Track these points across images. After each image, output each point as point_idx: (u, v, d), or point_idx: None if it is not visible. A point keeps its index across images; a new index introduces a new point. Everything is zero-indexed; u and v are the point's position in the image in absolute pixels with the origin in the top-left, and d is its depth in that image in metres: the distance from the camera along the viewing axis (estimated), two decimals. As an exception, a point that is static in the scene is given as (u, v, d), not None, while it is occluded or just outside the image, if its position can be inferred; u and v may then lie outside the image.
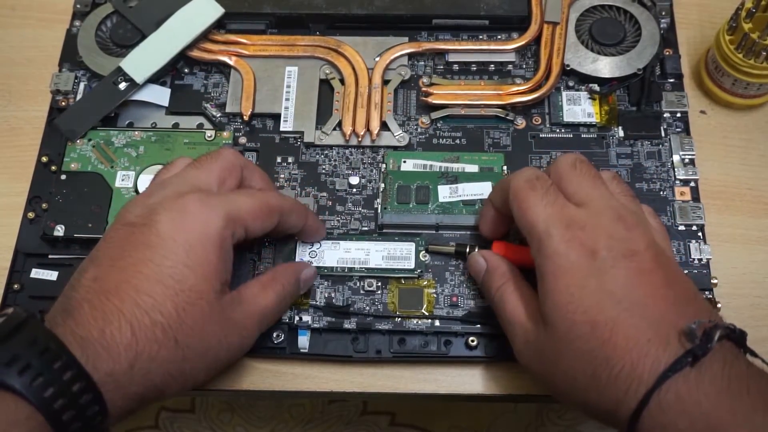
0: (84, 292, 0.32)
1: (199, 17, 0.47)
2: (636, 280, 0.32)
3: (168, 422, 0.91)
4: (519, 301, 0.36)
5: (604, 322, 0.31)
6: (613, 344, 0.30)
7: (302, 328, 0.40)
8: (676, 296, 0.32)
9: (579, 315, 0.31)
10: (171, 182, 0.36)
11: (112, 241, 0.34)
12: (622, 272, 0.32)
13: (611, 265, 0.32)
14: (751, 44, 0.43)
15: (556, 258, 0.33)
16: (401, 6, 0.48)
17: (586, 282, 0.32)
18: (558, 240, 0.33)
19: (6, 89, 0.50)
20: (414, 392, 0.40)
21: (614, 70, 0.46)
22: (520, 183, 0.36)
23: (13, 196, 0.45)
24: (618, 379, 0.30)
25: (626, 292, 0.31)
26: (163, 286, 0.32)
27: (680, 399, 0.29)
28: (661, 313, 0.31)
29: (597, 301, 0.31)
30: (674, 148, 0.44)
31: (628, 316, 0.31)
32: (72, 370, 0.29)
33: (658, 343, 0.30)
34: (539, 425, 0.90)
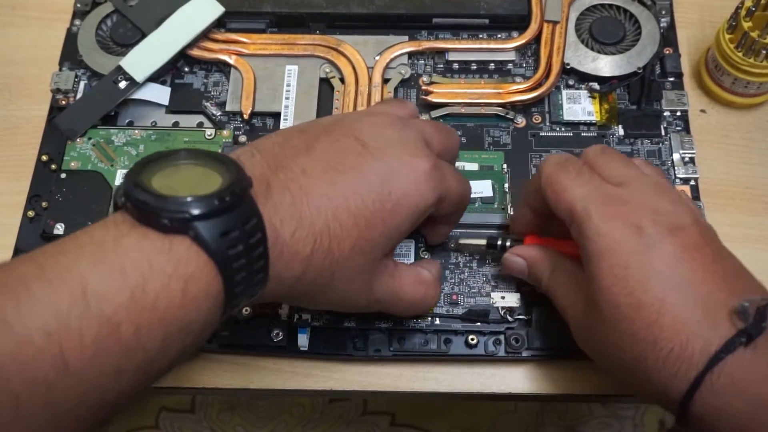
0: (289, 178, 0.30)
1: (199, 16, 0.47)
2: (684, 255, 0.30)
3: (168, 422, 0.91)
4: (567, 286, 0.35)
5: (651, 303, 0.29)
6: (660, 326, 0.29)
7: (302, 326, 0.40)
8: (725, 272, 0.30)
9: (624, 297, 0.30)
10: (410, 137, 0.33)
11: (336, 145, 0.32)
12: (669, 248, 0.30)
13: (658, 241, 0.30)
14: (751, 43, 0.43)
15: (598, 238, 0.31)
16: (401, 5, 0.48)
17: (630, 261, 0.30)
18: (599, 219, 0.31)
19: (6, 88, 0.50)
20: (414, 391, 0.40)
21: (614, 69, 0.46)
22: (550, 167, 0.35)
23: (13, 195, 0.45)
24: (666, 361, 0.29)
25: (674, 269, 0.30)
26: (354, 223, 0.30)
27: (734, 381, 0.28)
28: (710, 291, 0.29)
29: (642, 281, 0.30)
30: (674, 147, 0.44)
31: (675, 296, 0.29)
32: (261, 261, 0.27)
33: (708, 323, 0.28)
34: (539, 425, 0.90)
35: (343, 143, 0.32)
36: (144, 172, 0.27)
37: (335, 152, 0.31)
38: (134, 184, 0.25)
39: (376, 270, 0.33)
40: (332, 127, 0.33)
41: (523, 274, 0.38)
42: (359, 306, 0.34)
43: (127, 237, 0.25)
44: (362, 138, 0.32)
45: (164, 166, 0.28)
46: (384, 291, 0.34)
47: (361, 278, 0.32)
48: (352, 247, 0.30)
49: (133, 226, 0.25)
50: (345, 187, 0.30)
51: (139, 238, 0.25)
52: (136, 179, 0.26)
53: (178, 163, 0.28)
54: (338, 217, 0.30)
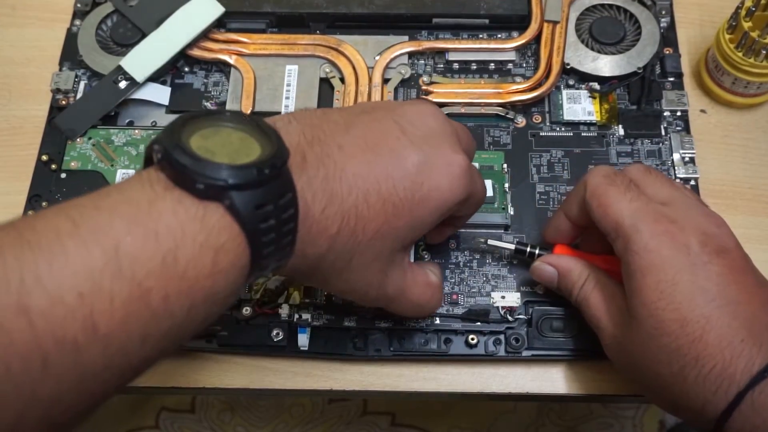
0: (325, 153, 0.29)
1: (199, 16, 0.47)
2: (730, 277, 0.31)
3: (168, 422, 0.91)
4: (601, 298, 0.35)
5: (696, 320, 0.30)
6: (704, 343, 0.30)
7: (302, 326, 0.40)
8: (767, 297, 0.31)
9: (669, 312, 0.30)
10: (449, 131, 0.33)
11: (376, 126, 0.31)
12: (716, 269, 0.31)
13: (706, 261, 0.31)
14: (751, 43, 0.43)
15: (646, 254, 0.31)
16: (401, 5, 0.48)
17: (678, 278, 0.31)
18: (648, 235, 0.32)
19: (6, 88, 0.50)
20: (414, 391, 0.40)
21: (614, 69, 0.46)
22: (598, 179, 0.35)
23: (14, 195, 0.45)
24: (708, 378, 0.29)
25: (720, 289, 0.30)
26: (383, 208, 0.30)
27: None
28: (754, 313, 0.30)
29: (689, 298, 0.30)
30: (674, 147, 0.44)
31: (721, 315, 0.30)
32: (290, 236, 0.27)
33: (752, 343, 0.29)
34: (539, 425, 0.90)
35: (384, 125, 0.31)
36: (185, 131, 0.26)
37: (374, 133, 0.31)
38: (175, 144, 0.25)
39: (393, 261, 0.32)
40: (374, 108, 0.32)
41: (552, 283, 0.38)
42: (368, 298, 0.33)
43: (162, 200, 0.24)
44: (403, 123, 0.31)
45: (206, 125, 0.27)
46: (395, 286, 0.33)
47: (377, 266, 0.31)
48: (375, 232, 0.30)
49: (166, 188, 0.24)
50: (379, 170, 0.30)
51: (174, 202, 0.24)
52: (178, 139, 0.25)
53: (219, 125, 0.27)
54: (368, 199, 0.29)
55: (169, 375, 0.41)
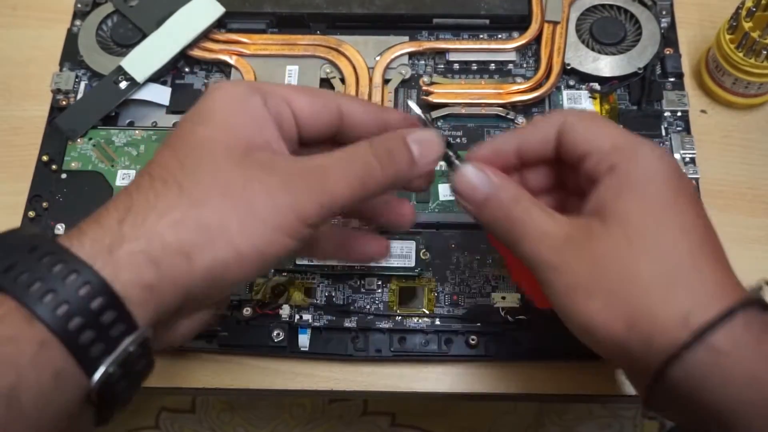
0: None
1: (199, 16, 0.47)
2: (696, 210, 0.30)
3: (168, 422, 0.91)
4: (543, 208, 0.30)
5: (697, 235, 0.28)
6: (704, 256, 0.28)
7: (303, 326, 0.40)
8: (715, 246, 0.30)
9: (673, 218, 0.28)
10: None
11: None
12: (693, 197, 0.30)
13: (692, 192, 0.30)
14: (752, 43, 0.43)
15: (649, 165, 0.29)
16: (402, 5, 0.48)
17: (679, 194, 0.29)
18: (658, 151, 0.29)
19: (6, 88, 0.50)
20: (414, 391, 0.40)
21: (615, 69, 0.46)
22: (580, 110, 0.33)
23: (14, 195, 0.45)
24: (700, 288, 0.27)
25: (705, 220, 0.29)
26: (169, 147, 0.28)
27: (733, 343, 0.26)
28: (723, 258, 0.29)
29: (693, 216, 0.29)
30: (675, 147, 0.44)
31: (716, 244, 0.29)
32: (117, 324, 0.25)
33: (731, 284, 0.28)
34: (539, 425, 0.90)
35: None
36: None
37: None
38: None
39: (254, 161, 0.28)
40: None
41: (478, 196, 0.31)
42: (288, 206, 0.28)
43: None
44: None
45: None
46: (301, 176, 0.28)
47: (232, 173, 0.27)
48: (175, 158, 0.28)
49: None
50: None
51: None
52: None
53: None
54: (154, 161, 0.28)
55: (169, 375, 0.41)
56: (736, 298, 0.27)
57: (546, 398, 0.41)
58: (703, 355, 0.26)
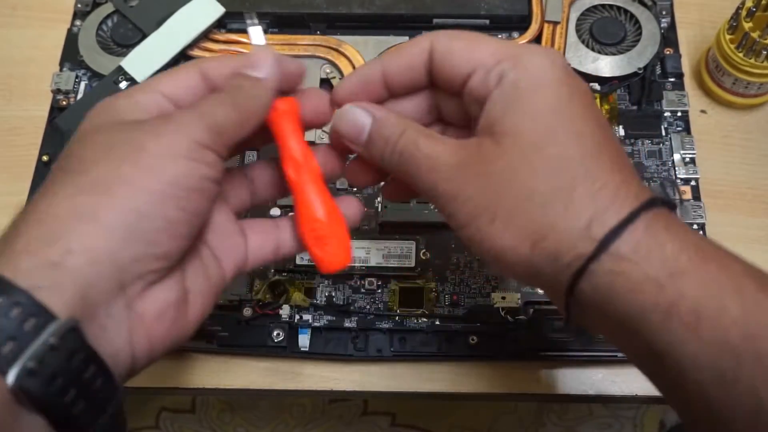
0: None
1: (199, 17, 0.47)
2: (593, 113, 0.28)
3: (168, 422, 0.91)
4: (430, 136, 0.29)
5: (591, 135, 0.27)
6: (599, 160, 0.26)
7: (303, 326, 0.40)
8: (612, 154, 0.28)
9: (566, 123, 0.27)
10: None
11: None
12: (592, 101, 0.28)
13: (582, 89, 0.28)
14: (752, 43, 0.43)
15: (537, 70, 0.27)
16: (402, 5, 0.48)
17: (577, 94, 0.28)
18: (540, 56, 0.28)
19: (7, 89, 0.50)
20: (414, 391, 0.40)
21: (615, 70, 0.46)
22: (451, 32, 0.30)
23: (14, 195, 0.45)
24: (599, 194, 0.26)
25: (602, 120, 0.28)
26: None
27: (669, 226, 0.25)
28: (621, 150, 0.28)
29: (587, 115, 0.27)
30: (675, 147, 0.44)
31: (613, 140, 0.27)
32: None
33: (636, 180, 0.27)
34: (539, 425, 0.90)
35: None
36: None
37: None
38: None
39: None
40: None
41: (361, 135, 0.30)
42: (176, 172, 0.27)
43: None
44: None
45: None
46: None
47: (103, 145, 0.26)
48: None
49: None
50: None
51: None
52: None
53: None
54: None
55: (170, 375, 0.41)
56: (636, 203, 0.26)
57: (546, 398, 0.41)
58: (608, 265, 0.25)
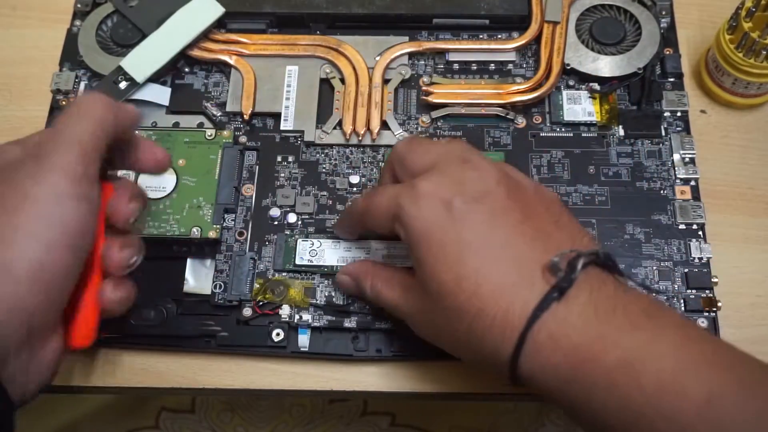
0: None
1: (199, 16, 0.47)
2: (492, 222, 0.31)
3: (168, 422, 0.91)
4: (389, 288, 0.36)
5: (467, 275, 0.30)
6: (480, 296, 0.29)
7: (302, 326, 0.40)
8: (535, 231, 0.31)
9: (445, 273, 0.30)
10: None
11: None
12: (477, 217, 0.31)
13: (466, 212, 0.31)
14: (752, 43, 0.43)
15: (413, 223, 0.32)
16: (402, 5, 0.48)
17: (445, 238, 0.31)
18: (409, 205, 0.32)
19: (6, 89, 0.50)
20: (414, 391, 0.40)
21: (614, 70, 0.46)
22: (358, 205, 0.36)
23: (14, 195, 0.45)
24: (492, 329, 0.29)
25: (484, 238, 0.30)
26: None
27: (552, 337, 0.28)
28: (522, 252, 0.30)
29: (458, 254, 0.30)
30: (674, 147, 0.44)
31: (490, 264, 0.30)
32: None
33: (524, 284, 0.29)
34: (539, 425, 0.90)
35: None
36: None
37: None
38: None
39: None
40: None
41: (357, 291, 0.39)
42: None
43: None
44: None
45: None
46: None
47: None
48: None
49: None
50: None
51: None
52: None
53: None
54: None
55: (169, 375, 0.41)
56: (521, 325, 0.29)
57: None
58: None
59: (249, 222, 0.43)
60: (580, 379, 0.28)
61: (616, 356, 0.27)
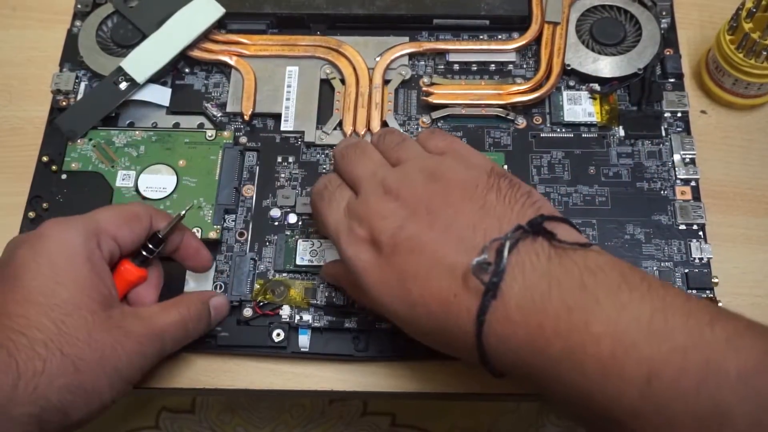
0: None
1: (199, 17, 0.47)
2: (420, 245, 0.31)
3: (168, 422, 0.91)
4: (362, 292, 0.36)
5: (417, 300, 0.30)
6: (436, 317, 0.30)
7: (303, 327, 0.40)
8: (462, 230, 0.30)
9: (396, 305, 0.31)
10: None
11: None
12: (405, 245, 0.31)
13: (394, 244, 0.31)
14: (752, 44, 0.43)
15: (352, 262, 0.33)
16: (402, 6, 0.48)
17: (383, 276, 0.32)
18: (345, 244, 0.33)
19: (7, 89, 0.50)
20: (415, 391, 0.40)
21: (615, 70, 0.46)
22: (312, 196, 0.38)
23: (14, 196, 0.45)
24: (457, 341, 0.30)
25: (416, 262, 0.30)
26: (35, 304, 0.32)
27: (500, 338, 0.28)
28: (453, 261, 0.30)
29: (402, 286, 0.31)
30: (675, 148, 0.44)
31: (429, 284, 0.30)
32: None
33: (463, 293, 0.29)
34: (540, 426, 0.90)
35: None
36: None
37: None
38: None
39: (113, 318, 0.34)
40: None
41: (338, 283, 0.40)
42: (146, 357, 0.35)
43: None
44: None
45: None
46: (146, 330, 0.35)
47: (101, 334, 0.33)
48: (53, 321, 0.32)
49: None
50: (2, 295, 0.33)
51: None
52: None
53: None
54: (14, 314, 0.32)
55: (170, 376, 0.41)
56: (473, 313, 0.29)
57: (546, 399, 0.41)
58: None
59: (249, 222, 0.43)
60: (535, 372, 0.28)
61: (559, 346, 0.27)
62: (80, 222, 0.35)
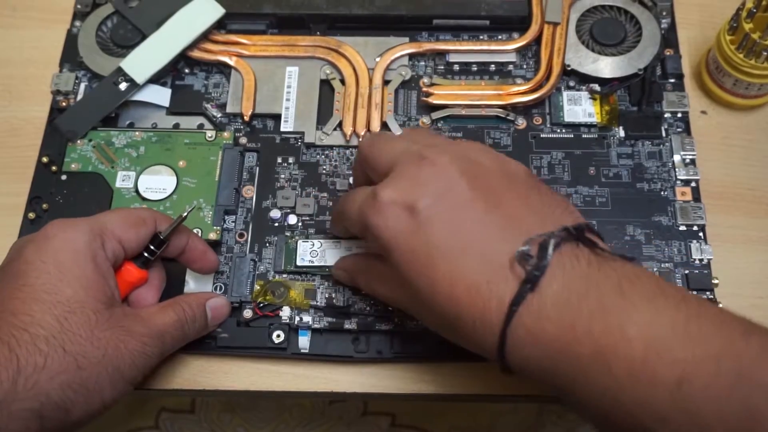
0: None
1: (199, 17, 0.47)
2: (457, 221, 0.30)
3: (168, 423, 0.91)
4: (383, 280, 0.36)
5: (441, 279, 0.29)
6: (456, 298, 0.29)
7: (303, 328, 0.40)
8: (503, 219, 0.30)
9: (419, 279, 0.30)
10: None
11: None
12: (442, 216, 0.30)
13: (430, 214, 0.30)
14: (752, 44, 0.43)
15: (380, 233, 0.31)
16: (402, 6, 0.48)
17: (413, 244, 0.30)
18: (374, 215, 0.31)
19: (6, 89, 0.50)
20: (415, 392, 0.40)
21: (615, 70, 0.46)
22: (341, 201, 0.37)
23: (14, 197, 0.45)
24: (475, 329, 0.29)
25: (451, 238, 0.29)
26: (39, 301, 0.32)
27: (530, 332, 0.28)
28: (491, 247, 0.29)
29: (429, 259, 0.30)
30: (675, 148, 0.44)
31: (461, 264, 0.29)
32: None
33: (497, 280, 0.28)
34: (539, 426, 0.90)
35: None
36: None
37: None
38: None
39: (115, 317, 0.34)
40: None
41: (350, 283, 0.40)
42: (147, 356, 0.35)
43: None
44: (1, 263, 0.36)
45: None
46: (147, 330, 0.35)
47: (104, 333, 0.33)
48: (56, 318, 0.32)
49: None
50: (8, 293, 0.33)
51: None
52: None
53: None
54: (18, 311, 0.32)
55: (170, 377, 0.41)
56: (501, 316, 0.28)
57: (546, 398, 0.41)
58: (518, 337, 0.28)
59: (249, 223, 0.43)
60: (560, 371, 0.28)
61: (589, 347, 0.26)
62: (86, 223, 0.35)
